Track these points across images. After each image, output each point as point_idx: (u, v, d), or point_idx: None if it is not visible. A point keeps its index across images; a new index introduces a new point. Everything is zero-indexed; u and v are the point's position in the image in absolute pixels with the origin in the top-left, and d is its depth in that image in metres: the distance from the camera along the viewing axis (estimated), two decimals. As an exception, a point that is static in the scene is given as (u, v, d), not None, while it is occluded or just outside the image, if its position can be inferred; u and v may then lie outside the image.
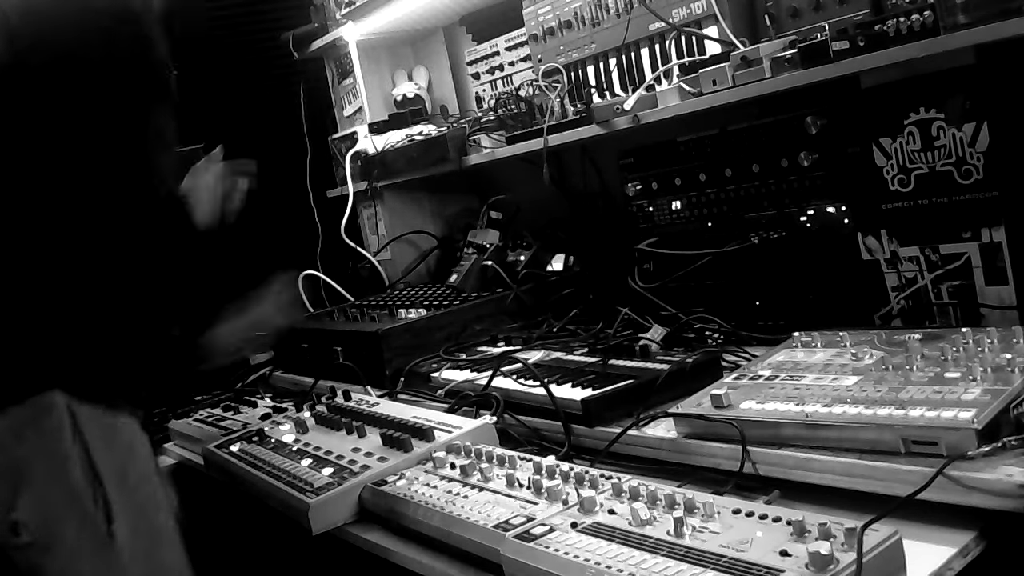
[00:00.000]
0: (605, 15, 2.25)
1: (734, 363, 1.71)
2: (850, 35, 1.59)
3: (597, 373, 1.72)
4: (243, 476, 1.80)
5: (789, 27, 1.85)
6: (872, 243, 1.71)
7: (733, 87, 1.77)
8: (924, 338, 1.47)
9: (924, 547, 1.07)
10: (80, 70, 1.45)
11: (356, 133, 3.11)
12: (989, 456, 1.11)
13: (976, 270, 1.58)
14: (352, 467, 1.62)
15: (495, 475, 1.43)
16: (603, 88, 2.29)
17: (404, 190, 3.03)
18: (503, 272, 2.47)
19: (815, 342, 1.59)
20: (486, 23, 2.88)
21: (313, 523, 1.52)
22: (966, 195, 1.56)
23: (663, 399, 1.57)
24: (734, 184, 1.96)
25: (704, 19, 2.00)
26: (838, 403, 1.29)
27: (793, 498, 1.25)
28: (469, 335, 2.24)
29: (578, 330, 2.09)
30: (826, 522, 1.02)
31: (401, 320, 2.28)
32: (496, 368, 1.85)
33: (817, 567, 0.96)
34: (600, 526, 1.18)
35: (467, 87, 3.01)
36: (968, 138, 1.53)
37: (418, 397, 2.02)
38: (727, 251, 1.96)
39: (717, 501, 1.15)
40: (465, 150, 2.61)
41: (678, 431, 1.45)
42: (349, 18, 3.04)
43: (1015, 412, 1.17)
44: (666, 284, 2.09)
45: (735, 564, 1.01)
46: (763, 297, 1.92)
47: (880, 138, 1.65)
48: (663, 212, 2.14)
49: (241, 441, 1.94)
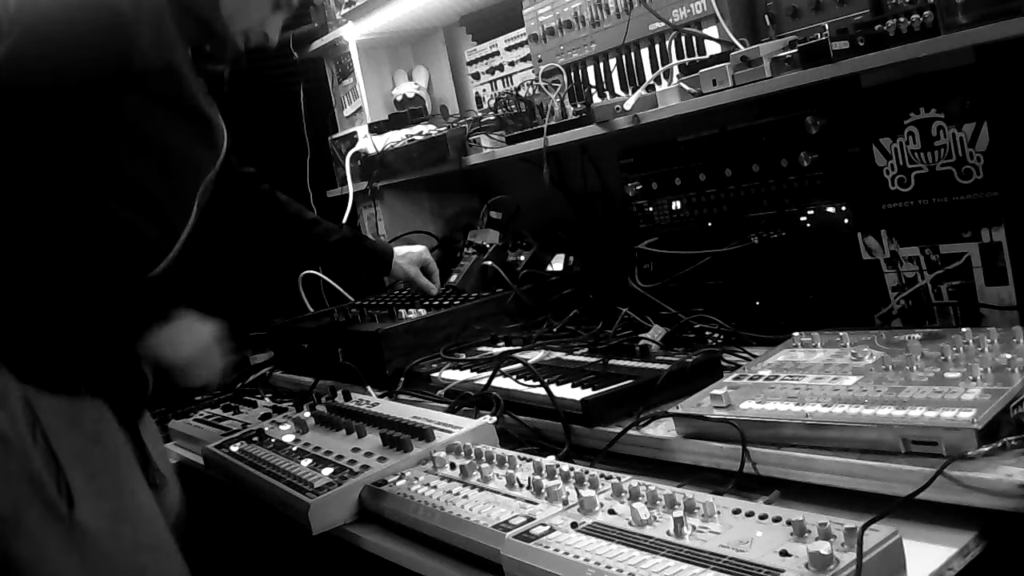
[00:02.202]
0: (605, 15, 2.25)
1: (734, 363, 1.71)
2: (850, 35, 1.59)
3: (597, 373, 1.72)
4: (243, 476, 1.80)
5: (789, 27, 1.85)
6: (872, 243, 1.71)
7: (733, 87, 1.77)
8: (924, 338, 1.47)
9: (924, 547, 1.07)
10: (63, 83, 1.45)
11: (356, 133, 3.11)
12: (989, 456, 1.11)
13: (976, 270, 1.58)
14: (352, 467, 1.62)
15: (495, 475, 1.43)
16: (603, 88, 2.29)
17: (404, 190, 3.04)
18: (503, 272, 2.46)
19: (815, 342, 1.59)
20: (486, 23, 2.88)
21: (313, 523, 1.52)
22: (966, 195, 1.56)
23: (663, 399, 1.57)
24: (734, 184, 1.96)
25: (704, 19, 2.00)
26: (838, 403, 1.29)
27: (793, 498, 1.25)
28: (469, 335, 2.24)
29: (578, 330, 2.08)
30: (826, 522, 1.02)
31: (401, 320, 2.28)
32: (496, 368, 1.85)
33: (817, 567, 0.96)
34: (600, 526, 1.18)
35: (467, 87, 3.01)
36: (968, 138, 1.54)
37: (418, 397, 2.02)
38: (727, 251, 1.96)
39: (717, 501, 1.15)
40: (465, 150, 2.61)
41: (678, 431, 1.45)
42: (349, 18, 3.04)
43: (1015, 412, 1.17)
44: (666, 284, 2.09)
45: (735, 564, 1.01)
46: (763, 297, 1.92)
47: (880, 138, 1.65)
48: (663, 212, 2.14)
49: (241, 441, 1.94)
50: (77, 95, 1.47)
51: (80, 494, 1.50)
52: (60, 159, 1.48)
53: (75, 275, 1.51)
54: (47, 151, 1.46)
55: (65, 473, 1.49)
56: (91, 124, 1.50)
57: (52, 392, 1.52)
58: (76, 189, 1.50)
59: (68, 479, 1.49)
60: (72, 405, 1.54)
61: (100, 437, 1.57)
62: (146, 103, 1.55)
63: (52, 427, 1.50)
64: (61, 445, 1.50)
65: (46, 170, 1.47)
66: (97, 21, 1.46)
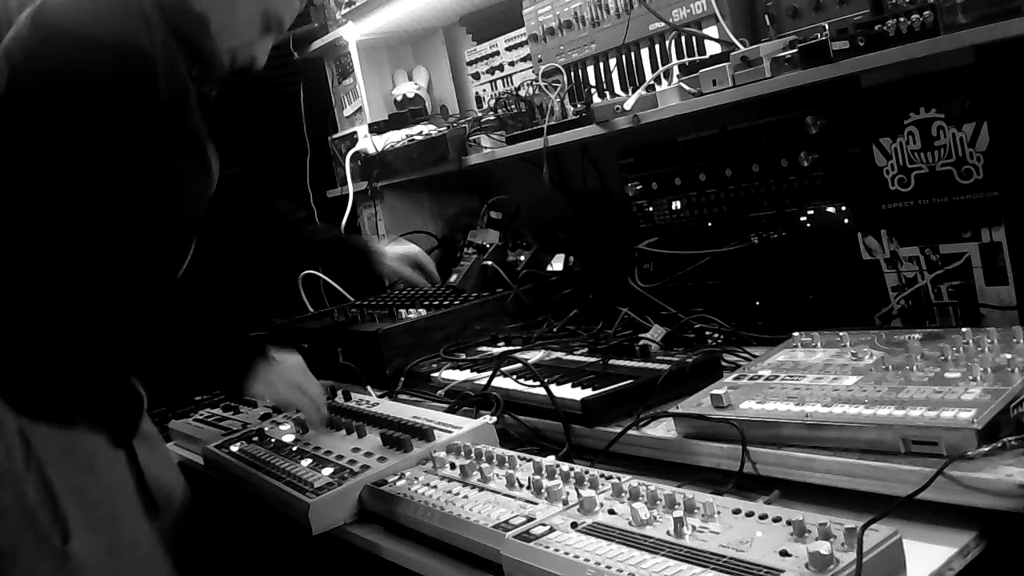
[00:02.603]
0: (605, 15, 2.25)
1: (734, 363, 1.70)
2: (850, 35, 1.59)
3: (597, 373, 1.72)
4: (243, 476, 1.80)
5: (789, 27, 1.85)
6: (872, 243, 1.71)
7: (733, 87, 1.77)
8: (924, 338, 1.47)
9: (924, 547, 1.07)
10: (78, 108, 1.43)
11: (356, 133, 3.11)
12: (989, 456, 1.11)
13: (976, 270, 1.58)
14: (352, 467, 1.61)
15: (495, 475, 1.43)
16: (603, 88, 2.29)
17: (404, 190, 3.04)
18: (503, 272, 2.46)
19: (815, 342, 1.59)
20: (486, 23, 2.88)
21: (313, 523, 1.52)
22: (966, 195, 1.56)
23: (663, 399, 1.57)
24: (734, 184, 1.96)
25: (704, 19, 2.00)
26: (838, 403, 1.29)
27: (793, 498, 1.24)
28: (469, 335, 2.24)
29: (578, 330, 2.08)
30: (826, 522, 1.02)
31: (401, 320, 2.27)
32: (496, 368, 1.85)
33: (817, 567, 0.96)
34: (600, 526, 1.18)
35: (467, 87, 3.01)
36: (968, 138, 1.53)
37: (418, 397, 2.02)
38: (727, 251, 1.96)
39: (717, 501, 1.15)
40: (465, 150, 2.61)
41: (678, 431, 1.45)
42: (349, 18, 3.04)
43: (1015, 412, 1.17)
44: (666, 284, 2.09)
45: (735, 564, 1.01)
46: (763, 297, 1.92)
47: (880, 138, 1.65)
48: (663, 212, 2.14)
49: (241, 441, 1.94)
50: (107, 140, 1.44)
51: (76, 526, 1.49)
52: (66, 193, 1.45)
53: (73, 304, 1.49)
54: (54, 185, 1.44)
55: (60, 505, 1.48)
56: (109, 162, 1.46)
57: (47, 422, 1.51)
58: (77, 220, 1.46)
59: (63, 511, 1.48)
60: (67, 436, 1.53)
61: (96, 468, 1.56)
62: (156, 135, 1.52)
63: (48, 459, 1.49)
64: (57, 477, 1.49)
65: (51, 203, 1.45)
66: (123, 67, 1.43)
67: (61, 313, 1.50)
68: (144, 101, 1.47)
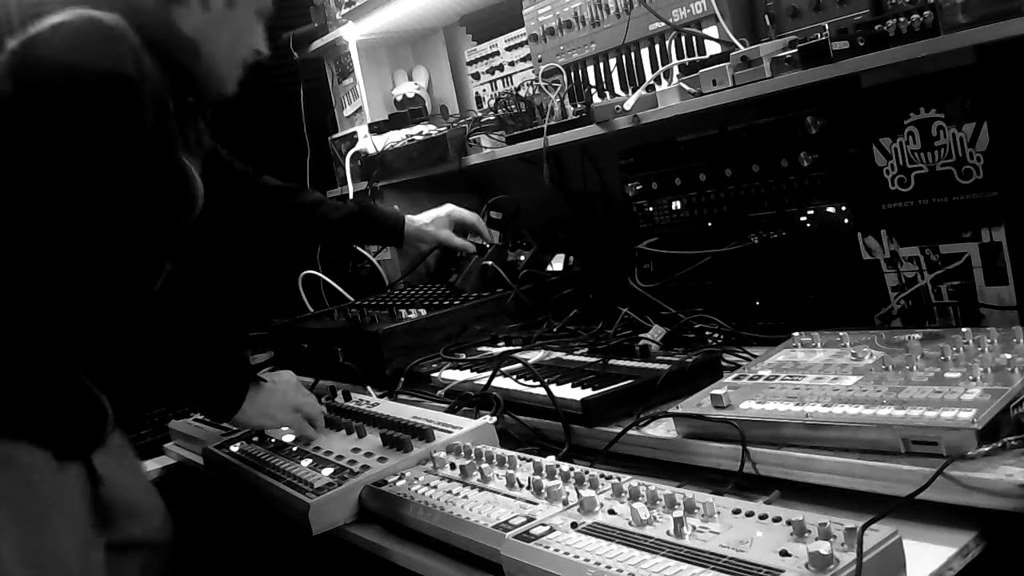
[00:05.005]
0: (605, 15, 2.25)
1: (734, 363, 1.70)
2: (850, 35, 1.59)
3: (597, 373, 1.72)
4: (243, 476, 1.80)
5: (789, 27, 1.85)
6: (872, 243, 1.71)
7: (733, 87, 1.78)
8: (924, 338, 1.47)
9: (924, 547, 1.07)
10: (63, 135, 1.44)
11: (356, 133, 3.11)
12: (989, 456, 1.11)
13: (976, 270, 1.58)
14: (352, 467, 1.62)
15: (495, 475, 1.43)
16: (603, 88, 2.29)
17: (404, 190, 3.03)
18: (503, 272, 2.46)
19: (815, 342, 1.59)
20: (486, 23, 2.88)
21: (313, 523, 1.52)
22: (966, 195, 1.56)
23: (663, 399, 1.57)
24: (734, 184, 1.96)
25: (704, 19, 2.00)
26: (838, 403, 1.29)
27: (793, 498, 1.25)
28: (469, 335, 2.24)
29: (578, 330, 2.08)
30: (826, 522, 1.02)
31: (401, 320, 2.27)
32: (496, 368, 1.85)
33: (817, 567, 0.96)
34: (600, 526, 1.18)
35: (467, 87, 3.01)
36: (968, 138, 1.53)
37: (418, 397, 2.02)
38: (727, 251, 1.96)
39: (717, 501, 1.15)
40: (465, 150, 2.61)
41: (678, 431, 1.45)
42: (349, 18, 3.04)
43: (1015, 412, 1.17)
44: (666, 284, 2.09)
45: (735, 564, 1.01)
46: (763, 297, 1.92)
47: (880, 138, 1.65)
48: (663, 212, 2.14)
49: (241, 441, 1.94)
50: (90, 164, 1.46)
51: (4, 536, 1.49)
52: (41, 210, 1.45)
53: (22, 323, 1.50)
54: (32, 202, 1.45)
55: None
56: (89, 186, 1.47)
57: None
58: (50, 240, 1.46)
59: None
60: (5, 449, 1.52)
61: (32, 482, 1.54)
62: (138, 161, 1.53)
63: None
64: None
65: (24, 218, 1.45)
66: (108, 94, 1.45)
67: (8, 332, 1.50)
68: (128, 128, 1.48)
